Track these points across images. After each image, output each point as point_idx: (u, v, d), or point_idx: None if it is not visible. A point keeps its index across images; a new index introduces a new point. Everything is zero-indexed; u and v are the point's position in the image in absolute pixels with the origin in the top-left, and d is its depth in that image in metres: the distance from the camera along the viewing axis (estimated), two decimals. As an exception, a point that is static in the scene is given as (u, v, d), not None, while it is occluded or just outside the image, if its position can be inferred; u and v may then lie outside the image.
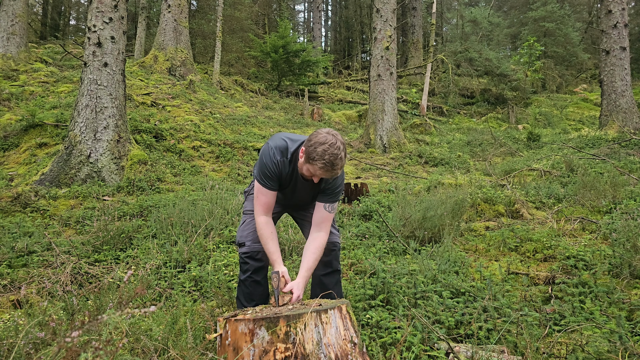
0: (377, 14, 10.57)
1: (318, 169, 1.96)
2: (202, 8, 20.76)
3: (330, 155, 1.92)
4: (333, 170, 1.96)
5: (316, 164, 1.95)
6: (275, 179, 2.16)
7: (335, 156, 1.93)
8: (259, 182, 2.17)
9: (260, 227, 2.16)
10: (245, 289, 2.28)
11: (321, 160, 1.93)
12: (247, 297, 2.28)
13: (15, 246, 3.52)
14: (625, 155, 7.57)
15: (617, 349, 1.99)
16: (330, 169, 1.95)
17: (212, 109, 10.75)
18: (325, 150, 1.92)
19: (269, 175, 2.14)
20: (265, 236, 2.15)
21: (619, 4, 10.30)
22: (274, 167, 2.13)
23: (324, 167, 1.94)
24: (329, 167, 1.94)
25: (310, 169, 2.01)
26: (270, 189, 2.17)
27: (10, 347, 1.74)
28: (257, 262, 2.26)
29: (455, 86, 18.32)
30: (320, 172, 1.98)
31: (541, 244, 3.72)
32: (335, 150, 1.93)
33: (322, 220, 2.19)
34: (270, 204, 2.19)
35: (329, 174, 1.98)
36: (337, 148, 1.94)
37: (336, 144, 1.94)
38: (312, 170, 2.00)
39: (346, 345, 1.75)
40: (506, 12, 28.80)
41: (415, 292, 2.66)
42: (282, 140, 2.17)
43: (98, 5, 6.16)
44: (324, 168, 1.95)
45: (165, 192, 6.01)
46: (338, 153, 1.94)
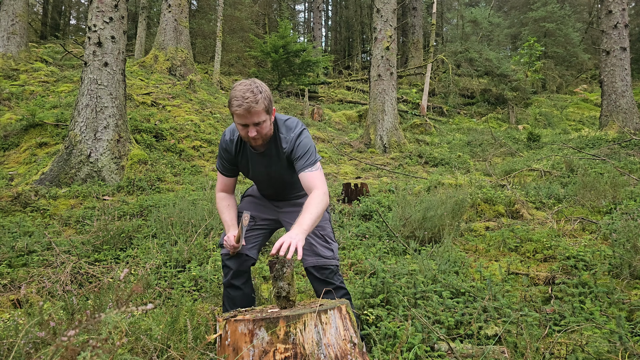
0: (377, 14, 10.56)
1: (235, 109, 1.88)
2: (203, 8, 20.76)
3: (241, 90, 1.87)
4: (246, 102, 1.85)
5: (233, 106, 1.89)
6: (227, 162, 2.19)
7: (246, 89, 1.87)
8: (217, 167, 2.25)
9: (218, 201, 2.22)
10: (227, 293, 2.25)
11: (233, 99, 1.88)
12: (229, 302, 2.23)
13: (15, 246, 3.52)
14: (626, 156, 7.57)
15: (617, 349, 1.99)
16: (242, 102, 1.85)
17: (213, 109, 10.75)
18: (235, 88, 1.90)
19: (221, 157, 2.19)
20: (222, 207, 2.21)
21: (620, 4, 10.30)
22: (222, 146, 2.16)
23: (236, 103, 1.86)
24: (241, 100, 1.85)
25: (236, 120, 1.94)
26: (224, 173, 2.23)
27: (10, 346, 1.74)
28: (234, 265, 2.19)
29: (456, 86, 18.32)
30: (240, 112, 1.87)
31: (541, 244, 3.72)
32: (245, 86, 1.88)
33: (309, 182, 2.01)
34: (227, 184, 2.25)
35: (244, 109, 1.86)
36: (248, 84, 1.89)
37: (247, 82, 1.91)
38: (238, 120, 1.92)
39: (346, 345, 1.74)
40: (506, 13, 28.80)
41: (415, 292, 2.66)
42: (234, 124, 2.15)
43: (98, 5, 6.16)
44: (237, 103, 1.86)
45: (165, 191, 6.01)
46: (248, 88, 1.87)
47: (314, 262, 2.14)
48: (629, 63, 10.41)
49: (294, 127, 2.08)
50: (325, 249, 2.17)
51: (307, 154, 2.04)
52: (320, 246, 2.16)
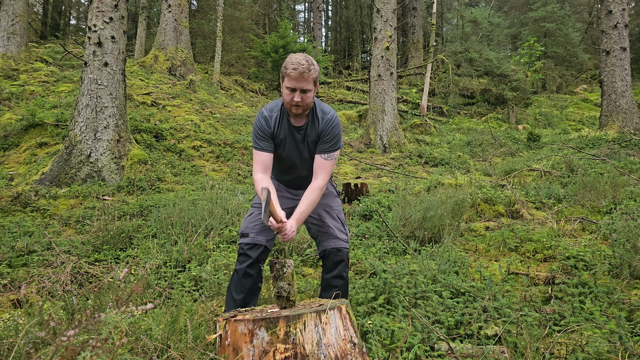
0: (377, 14, 10.56)
1: (290, 72, 2.08)
2: (203, 8, 20.76)
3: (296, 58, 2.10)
4: (300, 67, 2.07)
5: (287, 69, 2.09)
6: (266, 137, 2.28)
7: (302, 58, 2.11)
8: (254, 145, 2.31)
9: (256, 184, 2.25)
10: (238, 279, 2.31)
11: (290, 64, 2.09)
12: (237, 287, 2.30)
13: (15, 245, 3.52)
14: (626, 156, 7.57)
15: (617, 349, 1.99)
16: (298, 66, 2.07)
17: (213, 109, 10.75)
18: (290, 57, 2.12)
19: (259, 134, 2.28)
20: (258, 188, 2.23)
21: (620, 4, 10.30)
22: (262, 122, 2.27)
23: (292, 67, 2.08)
24: (297, 65, 2.07)
25: (287, 84, 2.12)
26: (263, 149, 2.29)
27: (10, 346, 1.74)
28: (256, 254, 2.29)
29: (456, 86, 18.32)
30: (292, 74, 2.08)
31: (541, 244, 3.71)
32: (301, 55, 2.12)
33: (318, 168, 2.27)
34: (267, 163, 2.29)
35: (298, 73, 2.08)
36: (303, 56, 2.13)
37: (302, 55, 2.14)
38: (287, 83, 2.12)
39: (346, 345, 1.74)
40: (506, 13, 28.80)
41: (415, 292, 2.66)
42: (273, 101, 2.35)
43: (98, 5, 6.16)
44: (292, 67, 2.07)
45: (165, 191, 6.01)
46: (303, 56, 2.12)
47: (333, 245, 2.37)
48: (629, 63, 10.40)
49: (329, 110, 2.30)
50: (342, 233, 2.41)
51: (333, 140, 2.27)
52: (338, 230, 2.40)
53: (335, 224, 2.40)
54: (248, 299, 2.30)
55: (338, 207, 2.47)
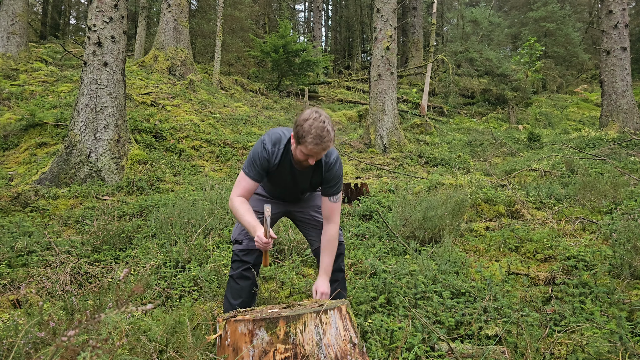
0: (377, 13, 10.56)
1: (309, 145, 1.98)
2: (202, 8, 20.76)
3: (317, 128, 1.96)
4: (322, 142, 1.98)
5: (306, 140, 1.98)
6: (261, 169, 2.19)
7: (322, 128, 1.97)
8: (244, 170, 2.23)
9: (239, 204, 2.20)
10: (234, 284, 2.32)
11: (309, 135, 1.97)
12: (235, 293, 2.32)
13: (15, 246, 3.51)
14: (626, 156, 7.56)
15: (618, 349, 1.98)
16: (319, 141, 1.97)
17: (212, 109, 10.75)
18: (311, 125, 1.97)
19: (256, 164, 2.19)
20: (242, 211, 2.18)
21: (620, 4, 10.30)
22: (263, 155, 2.17)
23: (313, 141, 1.97)
24: (318, 140, 1.97)
25: (302, 150, 2.03)
26: (253, 178, 2.22)
27: (9, 346, 1.73)
28: (251, 259, 2.32)
29: (456, 86, 18.31)
30: (312, 148, 1.99)
31: (541, 245, 3.71)
32: (321, 124, 1.97)
33: (330, 212, 2.28)
34: (251, 190, 2.25)
35: (319, 148, 2.00)
36: (322, 121, 1.98)
37: (320, 117, 1.99)
38: (304, 150, 2.02)
39: (346, 345, 1.74)
40: (507, 12, 28.79)
41: (415, 293, 2.66)
42: (277, 132, 2.23)
43: (98, 5, 6.15)
44: (314, 142, 1.97)
45: (165, 191, 6.01)
46: (324, 126, 1.98)
47: None
48: (629, 63, 10.40)
49: (331, 153, 2.24)
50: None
51: (336, 182, 2.25)
52: None
53: None
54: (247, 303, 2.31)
55: None
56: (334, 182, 2.24)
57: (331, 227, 2.28)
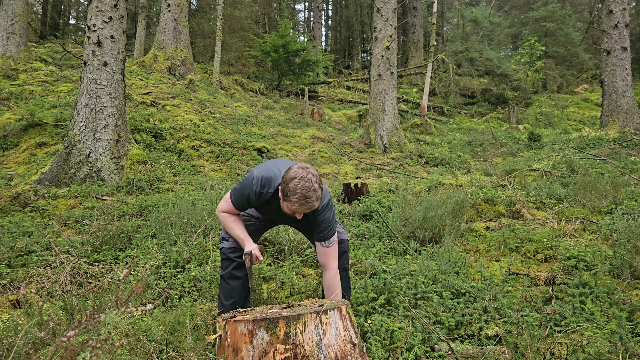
0: (377, 13, 10.56)
1: (293, 204, 1.95)
2: (202, 7, 20.76)
3: (302, 188, 1.91)
4: (307, 202, 1.93)
5: (290, 199, 1.94)
6: (247, 204, 2.19)
7: (308, 188, 1.91)
8: (231, 196, 2.20)
9: (224, 218, 2.24)
10: (225, 285, 2.32)
11: (294, 195, 1.92)
12: (226, 293, 2.31)
13: (14, 246, 3.51)
14: (626, 156, 7.56)
15: (618, 349, 1.98)
16: (304, 202, 1.93)
17: (212, 109, 10.74)
18: (296, 185, 1.92)
19: (242, 199, 2.17)
20: (229, 222, 2.23)
21: (620, 4, 10.29)
22: (250, 196, 2.14)
23: (298, 202, 1.93)
24: (303, 200, 1.92)
25: (288, 206, 2.00)
26: (237, 208, 2.23)
27: (9, 347, 1.73)
28: (238, 258, 2.30)
29: (456, 86, 18.31)
30: (297, 207, 1.96)
31: (542, 245, 3.71)
32: (307, 183, 1.92)
33: (324, 258, 2.22)
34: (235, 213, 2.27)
35: (305, 208, 1.96)
36: (309, 180, 1.92)
37: (307, 176, 1.93)
38: (289, 207, 1.99)
39: (346, 345, 1.74)
40: (507, 12, 28.79)
41: (415, 293, 2.65)
42: (269, 172, 2.14)
43: (98, 5, 6.15)
44: (299, 202, 1.93)
45: (164, 191, 6.00)
46: (310, 185, 1.92)
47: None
48: (630, 63, 10.40)
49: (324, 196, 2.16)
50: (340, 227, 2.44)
51: (326, 228, 2.17)
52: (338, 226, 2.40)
53: None
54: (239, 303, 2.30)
55: None
56: (323, 226, 2.16)
57: (327, 274, 2.21)
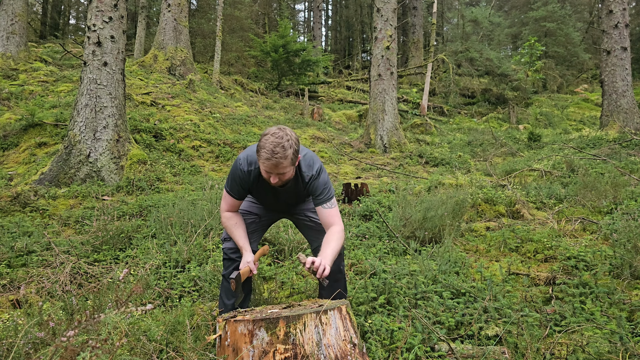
0: (377, 13, 10.56)
1: (264, 162, 1.91)
2: (202, 7, 20.76)
3: (271, 143, 1.88)
4: (274, 156, 1.88)
5: (261, 155, 1.91)
6: (241, 188, 2.19)
7: (277, 144, 1.88)
8: (226, 189, 2.22)
9: (225, 220, 2.25)
10: (226, 284, 2.33)
11: (263, 149, 1.90)
12: (227, 293, 2.31)
13: (14, 246, 3.51)
14: (626, 156, 7.56)
15: (618, 349, 1.98)
16: (271, 156, 1.88)
17: (212, 109, 10.74)
18: (267, 140, 1.90)
19: (235, 183, 2.17)
20: (230, 226, 2.23)
21: (620, 4, 10.29)
22: (240, 176, 2.15)
23: (265, 156, 1.89)
24: (270, 154, 1.88)
25: (261, 166, 1.97)
26: (235, 197, 2.21)
27: (9, 346, 1.73)
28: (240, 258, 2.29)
29: (456, 86, 18.31)
30: (264, 162, 1.91)
31: (542, 245, 3.71)
32: (277, 139, 1.89)
33: (328, 218, 2.16)
34: (235, 205, 2.26)
35: (273, 164, 1.90)
36: (280, 137, 1.90)
37: (279, 133, 1.91)
38: (261, 166, 1.96)
39: (346, 345, 1.74)
40: (507, 12, 28.79)
41: (415, 293, 2.65)
42: (254, 151, 2.14)
43: (98, 5, 6.15)
44: (266, 156, 1.89)
45: (164, 191, 6.00)
46: (279, 141, 1.89)
47: None
48: (630, 63, 10.40)
49: (312, 165, 2.16)
50: None
51: (325, 190, 2.16)
52: None
53: None
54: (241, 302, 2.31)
55: None
56: (320, 189, 2.15)
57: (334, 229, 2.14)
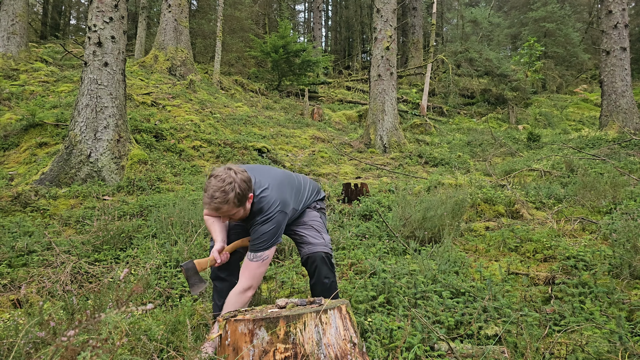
0: (377, 14, 10.56)
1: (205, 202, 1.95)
2: (203, 8, 20.77)
3: (212, 187, 1.91)
4: (212, 202, 1.91)
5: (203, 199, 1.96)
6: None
7: (217, 188, 1.90)
8: None
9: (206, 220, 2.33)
10: (214, 286, 2.37)
11: (205, 193, 1.93)
12: (217, 294, 2.35)
13: (15, 245, 3.52)
14: (626, 156, 7.57)
15: (617, 349, 1.99)
16: (209, 200, 1.91)
17: (213, 109, 10.75)
18: (209, 182, 1.93)
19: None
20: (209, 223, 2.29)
21: (620, 4, 10.30)
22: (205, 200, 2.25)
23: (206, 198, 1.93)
24: (209, 199, 1.92)
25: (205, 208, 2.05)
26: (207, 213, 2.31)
27: (10, 346, 1.74)
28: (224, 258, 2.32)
29: (456, 86, 18.32)
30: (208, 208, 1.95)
31: (541, 244, 3.71)
32: (219, 183, 1.90)
33: (242, 269, 2.10)
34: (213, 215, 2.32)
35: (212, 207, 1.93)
36: (223, 180, 1.90)
37: (223, 176, 1.91)
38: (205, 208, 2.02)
39: (346, 345, 1.74)
40: (506, 13, 28.79)
41: (415, 292, 2.66)
42: None
43: (98, 5, 6.16)
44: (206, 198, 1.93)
45: (165, 191, 6.01)
46: (220, 185, 1.90)
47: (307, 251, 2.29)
48: (629, 63, 10.40)
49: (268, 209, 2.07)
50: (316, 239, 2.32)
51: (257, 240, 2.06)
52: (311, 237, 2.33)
53: (308, 232, 2.34)
54: None
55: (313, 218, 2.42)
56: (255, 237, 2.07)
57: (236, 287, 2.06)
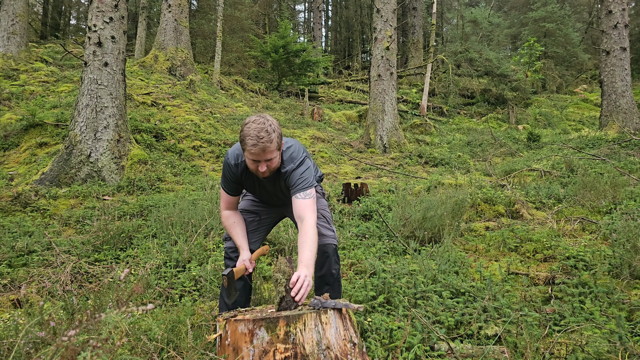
0: (377, 14, 10.56)
1: (248, 146, 1.94)
2: (203, 8, 20.77)
3: (255, 129, 1.93)
4: (260, 141, 1.92)
5: (246, 142, 1.95)
6: (232, 183, 2.23)
7: (260, 129, 1.93)
8: (222, 186, 2.28)
9: (224, 220, 2.30)
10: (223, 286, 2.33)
11: (248, 137, 1.94)
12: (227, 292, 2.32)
13: (15, 245, 3.52)
14: (626, 156, 7.57)
15: (617, 349, 1.99)
16: (257, 141, 1.92)
17: (213, 109, 10.75)
18: (249, 127, 1.95)
19: (226, 179, 2.24)
20: (228, 225, 2.27)
21: (619, 4, 10.30)
22: (229, 171, 2.22)
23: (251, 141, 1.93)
24: (256, 140, 1.92)
25: (247, 156, 2.00)
26: (229, 192, 2.26)
27: (10, 346, 1.74)
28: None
29: (456, 86, 18.32)
30: (251, 148, 1.94)
31: (541, 244, 3.72)
32: (260, 125, 1.94)
33: (301, 210, 2.07)
34: (232, 202, 2.31)
35: (259, 148, 1.94)
36: (262, 123, 1.95)
37: (260, 119, 1.97)
38: (248, 155, 1.99)
39: (346, 345, 1.74)
40: (506, 13, 28.79)
41: (415, 292, 2.66)
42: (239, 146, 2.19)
43: (98, 5, 6.16)
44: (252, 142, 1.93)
45: (165, 191, 6.01)
46: (263, 126, 1.94)
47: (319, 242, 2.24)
48: (629, 63, 10.40)
49: (295, 156, 2.16)
50: (327, 230, 2.35)
51: (299, 180, 2.11)
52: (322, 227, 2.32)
53: (320, 221, 2.33)
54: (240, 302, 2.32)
55: (324, 206, 2.44)
56: (295, 179, 2.11)
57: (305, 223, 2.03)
